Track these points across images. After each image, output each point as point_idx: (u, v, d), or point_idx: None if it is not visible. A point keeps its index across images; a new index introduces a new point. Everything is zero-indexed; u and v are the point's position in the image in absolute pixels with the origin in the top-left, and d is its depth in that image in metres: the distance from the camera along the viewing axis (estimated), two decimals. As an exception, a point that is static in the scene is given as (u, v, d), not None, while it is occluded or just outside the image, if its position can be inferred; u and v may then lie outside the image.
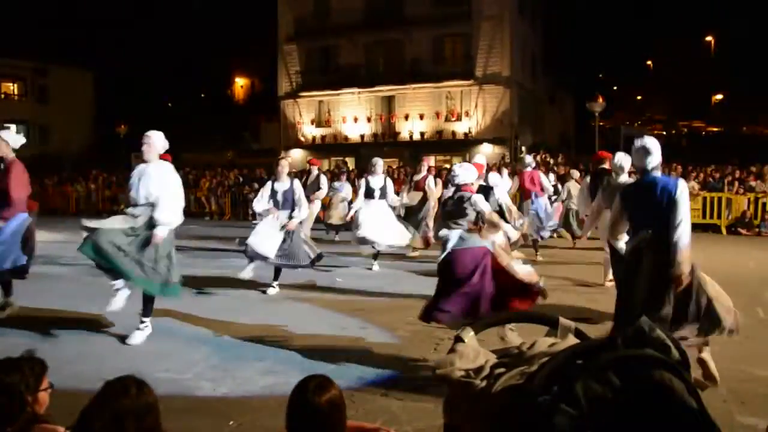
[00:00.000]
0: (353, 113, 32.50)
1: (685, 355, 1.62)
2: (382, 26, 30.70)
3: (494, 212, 5.47)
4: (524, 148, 28.10)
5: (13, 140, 5.90)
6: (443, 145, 30.29)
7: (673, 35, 49.19)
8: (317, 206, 11.26)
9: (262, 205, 7.62)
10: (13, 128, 7.29)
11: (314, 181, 10.98)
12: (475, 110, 30.23)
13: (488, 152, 27.41)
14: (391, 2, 30.87)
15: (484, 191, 6.52)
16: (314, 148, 32.18)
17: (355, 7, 31.25)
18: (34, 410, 2.18)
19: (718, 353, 4.17)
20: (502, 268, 4.81)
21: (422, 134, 31.24)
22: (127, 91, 41.49)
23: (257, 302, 7.17)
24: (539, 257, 10.16)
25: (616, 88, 50.91)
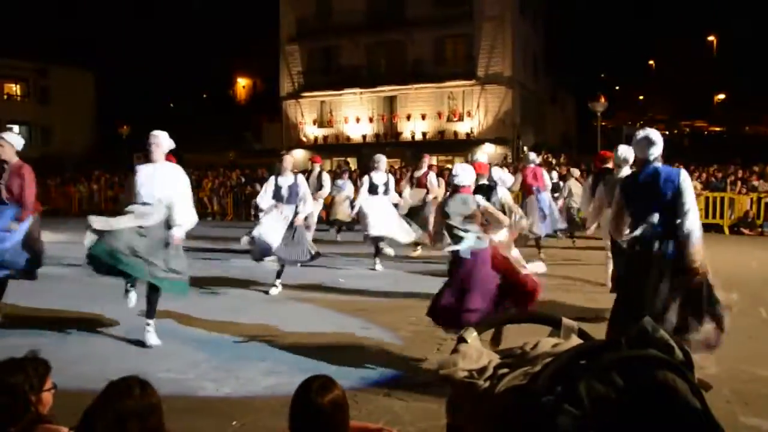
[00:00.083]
0: (355, 114, 32.52)
1: (688, 355, 1.61)
2: (383, 27, 30.75)
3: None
4: (526, 148, 28.08)
5: (15, 142, 5.92)
6: (445, 145, 30.26)
7: (675, 35, 49.12)
8: (320, 205, 11.26)
9: (266, 200, 7.61)
10: (15, 130, 7.31)
11: (317, 179, 10.99)
12: (476, 110, 30.23)
13: (490, 152, 27.45)
14: (392, 3, 30.91)
15: (486, 191, 6.53)
16: (316, 148, 32.17)
17: (356, 8, 31.30)
18: (37, 410, 2.19)
19: (721, 354, 4.15)
20: (508, 266, 4.82)
21: (424, 134, 31.24)
22: (128, 91, 41.46)
23: (259, 302, 7.18)
24: (542, 256, 10.14)
25: (617, 88, 50.77)
